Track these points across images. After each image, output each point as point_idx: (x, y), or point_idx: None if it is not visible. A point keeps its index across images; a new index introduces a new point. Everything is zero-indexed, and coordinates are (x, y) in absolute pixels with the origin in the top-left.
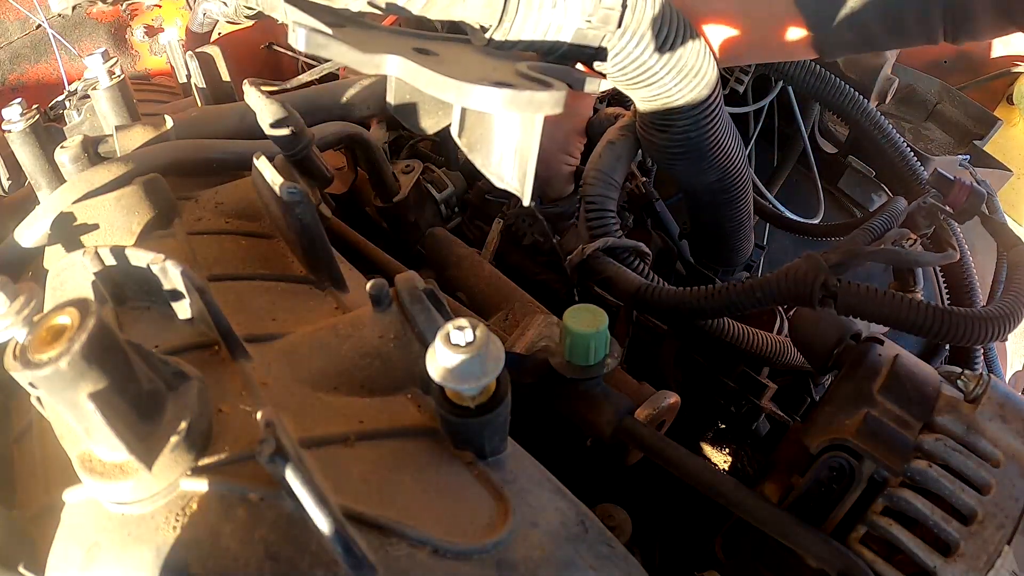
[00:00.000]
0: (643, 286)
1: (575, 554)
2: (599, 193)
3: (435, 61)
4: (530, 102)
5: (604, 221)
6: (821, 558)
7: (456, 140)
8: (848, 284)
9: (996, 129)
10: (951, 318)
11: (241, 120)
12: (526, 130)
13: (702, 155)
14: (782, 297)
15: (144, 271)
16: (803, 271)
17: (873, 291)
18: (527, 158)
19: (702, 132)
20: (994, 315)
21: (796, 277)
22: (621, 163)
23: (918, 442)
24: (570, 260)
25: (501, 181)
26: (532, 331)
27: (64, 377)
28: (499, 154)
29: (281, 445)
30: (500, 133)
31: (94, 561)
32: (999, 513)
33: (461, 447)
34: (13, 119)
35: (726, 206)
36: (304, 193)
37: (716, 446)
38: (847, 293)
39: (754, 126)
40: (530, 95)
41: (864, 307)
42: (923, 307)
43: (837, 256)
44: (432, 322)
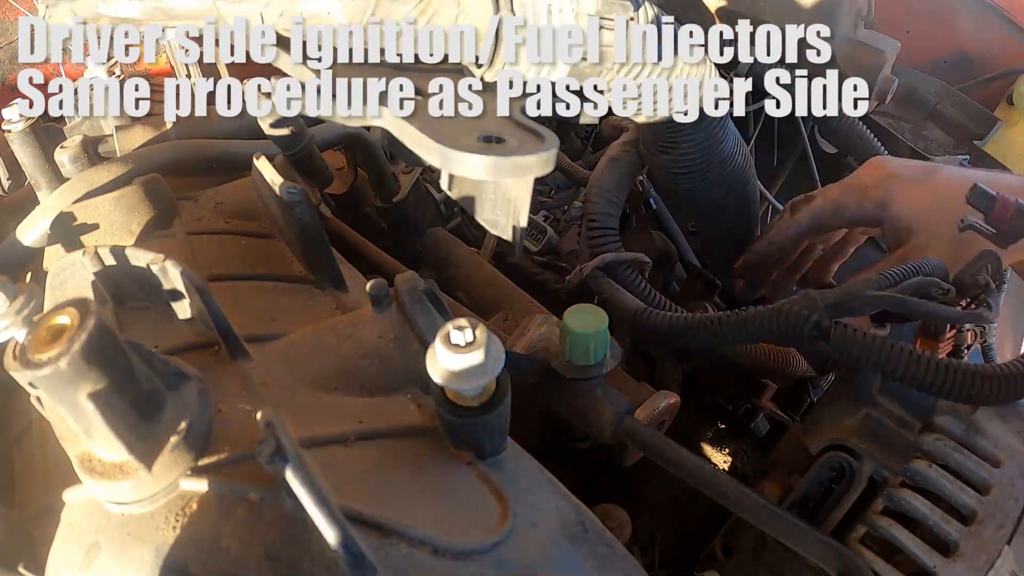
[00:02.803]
0: (639, 311)
1: (575, 554)
2: (601, 211)
3: (424, 107)
4: (516, 167)
5: (605, 239)
6: (821, 558)
7: (447, 192)
8: (843, 327)
9: (996, 129)
10: (958, 375)
11: (241, 120)
12: (517, 184)
13: (708, 173)
14: (773, 335)
15: (144, 271)
16: (796, 309)
17: (871, 338)
18: (520, 209)
19: (707, 152)
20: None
21: (789, 316)
22: (624, 179)
23: (918, 442)
24: (568, 281)
25: (495, 228)
26: (532, 331)
27: (64, 377)
28: (491, 204)
29: (281, 445)
30: (491, 185)
31: (94, 561)
32: (999, 513)
33: (461, 447)
34: (13, 119)
35: (733, 217)
36: (304, 193)
37: (716, 446)
38: (841, 336)
39: (754, 126)
40: (516, 160)
41: (857, 352)
42: (924, 360)
43: (835, 296)
44: (432, 322)
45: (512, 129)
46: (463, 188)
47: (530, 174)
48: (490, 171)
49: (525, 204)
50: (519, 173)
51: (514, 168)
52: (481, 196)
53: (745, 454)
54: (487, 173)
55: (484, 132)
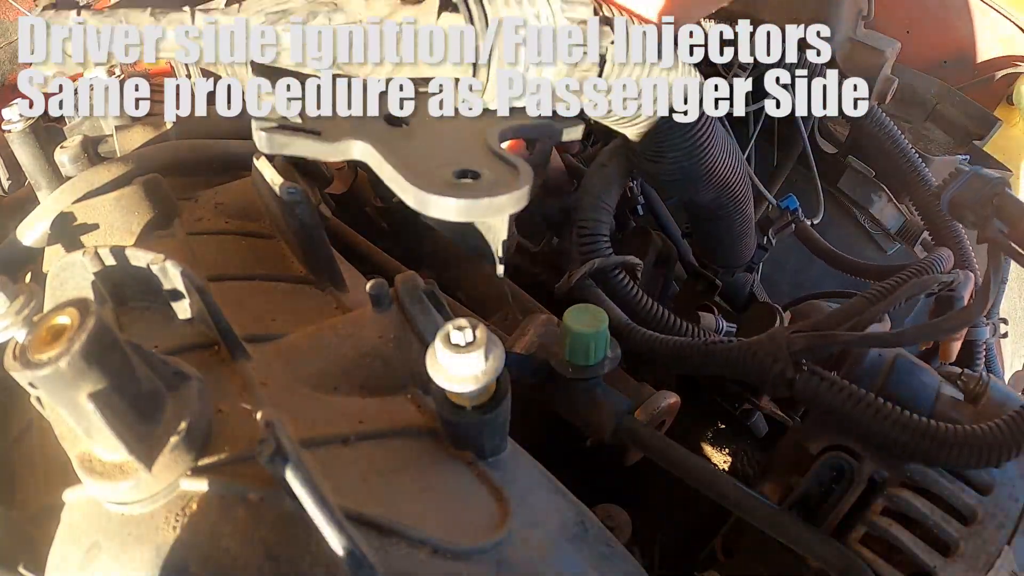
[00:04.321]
0: (622, 326)
1: (575, 554)
2: (591, 217)
3: (404, 137)
4: (489, 208)
5: (596, 246)
6: (821, 558)
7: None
8: (809, 376)
9: (996, 129)
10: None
11: (241, 120)
12: None
13: (697, 179)
14: (740, 373)
15: (144, 271)
16: (762, 354)
17: (837, 388)
18: (498, 235)
19: (694, 159)
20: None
21: (756, 359)
22: (614, 186)
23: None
24: (558, 288)
25: (476, 252)
26: (532, 331)
27: (64, 377)
28: (472, 232)
29: (281, 445)
30: None
31: (94, 561)
32: (999, 513)
33: (461, 447)
34: (13, 119)
35: (725, 219)
36: (304, 193)
37: (716, 446)
38: (806, 386)
39: (754, 126)
40: (488, 202)
41: (822, 403)
42: (892, 417)
43: (804, 340)
44: (432, 322)
45: (490, 161)
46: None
47: (503, 213)
48: (463, 213)
49: (503, 233)
50: (492, 213)
51: (487, 209)
52: (461, 226)
53: (745, 454)
54: (460, 215)
55: (460, 166)
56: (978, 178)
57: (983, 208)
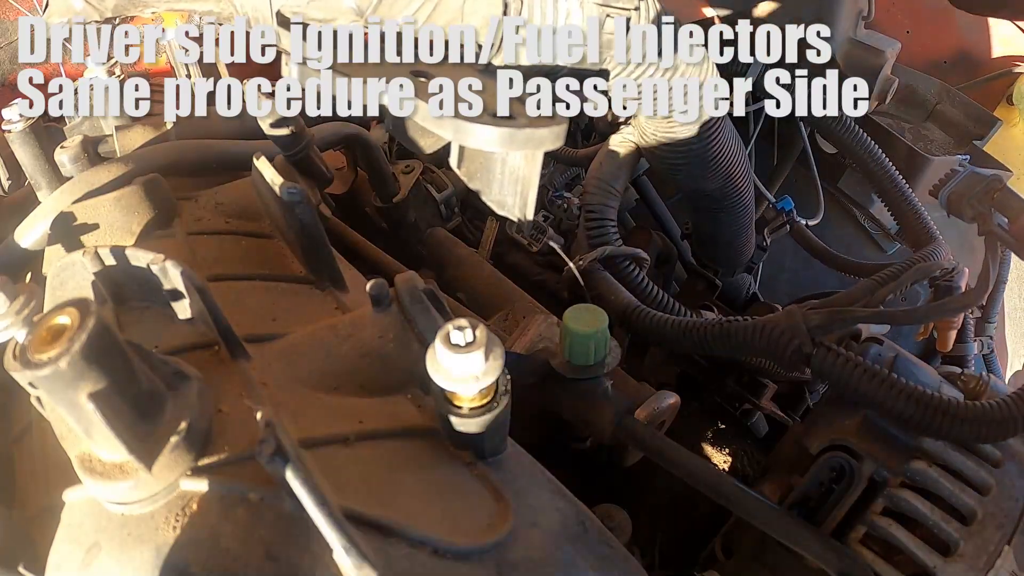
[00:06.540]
0: (631, 307)
1: (575, 554)
2: (599, 202)
3: (432, 88)
4: (529, 139)
5: (604, 230)
6: (821, 558)
7: (455, 170)
8: (826, 351)
9: (996, 129)
10: (940, 411)
11: (241, 120)
12: (527, 160)
13: (705, 165)
14: (757, 350)
15: (144, 271)
16: (779, 330)
17: (852, 364)
18: (528, 187)
19: (705, 144)
20: (996, 417)
21: (772, 335)
22: (623, 172)
23: (918, 442)
24: (567, 271)
25: (502, 208)
26: (532, 331)
27: (64, 377)
28: (499, 182)
29: (281, 445)
30: (500, 162)
31: (94, 561)
32: (999, 513)
33: (461, 447)
34: (13, 119)
35: (728, 211)
36: (304, 193)
37: (716, 446)
38: (822, 362)
39: (754, 126)
40: (530, 132)
41: (838, 379)
42: (907, 392)
43: (820, 317)
44: (432, 322)
45: (521, 109)
46: (472, 165)
47: (543, 147)
48: (504, 142)
49: (534, 183)
50: (533, 145)
51: (527, 140)
52: (489, 174)
53: (745, 454)
54: (500, 144)
55: (493, 111)
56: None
57: (981, 203)
